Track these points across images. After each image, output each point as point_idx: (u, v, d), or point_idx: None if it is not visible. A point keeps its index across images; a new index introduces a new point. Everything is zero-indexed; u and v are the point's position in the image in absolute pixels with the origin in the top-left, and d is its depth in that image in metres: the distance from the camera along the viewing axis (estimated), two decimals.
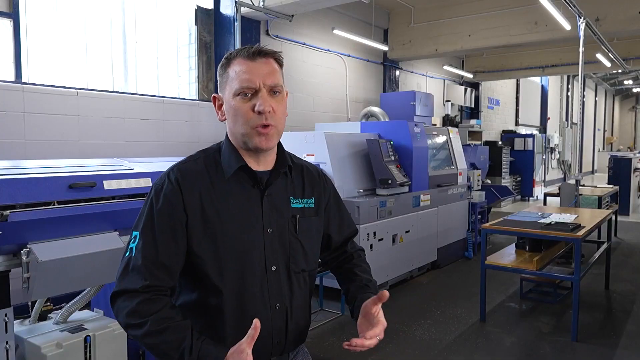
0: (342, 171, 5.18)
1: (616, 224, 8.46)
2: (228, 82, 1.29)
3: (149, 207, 1.26)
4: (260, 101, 1.25)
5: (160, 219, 1.24)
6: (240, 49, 1.30)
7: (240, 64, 1.27)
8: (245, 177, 1.32)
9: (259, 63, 1.28)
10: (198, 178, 1.29)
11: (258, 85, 1.26)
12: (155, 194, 1.27)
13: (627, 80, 22.63)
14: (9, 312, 2.45)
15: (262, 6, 6.07)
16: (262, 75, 1.27)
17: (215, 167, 1.32)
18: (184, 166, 1.31)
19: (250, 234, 1.29)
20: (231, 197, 1.29)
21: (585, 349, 3.97)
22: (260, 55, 1.28)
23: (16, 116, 4.34)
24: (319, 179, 1.48)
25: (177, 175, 1.28)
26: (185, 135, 5.81)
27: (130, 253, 1.23)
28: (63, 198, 2.52)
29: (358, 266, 1.53)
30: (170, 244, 1.23)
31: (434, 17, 9.06)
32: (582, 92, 16.22)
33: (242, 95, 1.26)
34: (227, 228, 1.26)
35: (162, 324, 1.16)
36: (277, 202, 1.34)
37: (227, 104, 1.29)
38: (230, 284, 1.27)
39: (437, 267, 6.40)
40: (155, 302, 1.19)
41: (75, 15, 4.94)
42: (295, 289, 1.35)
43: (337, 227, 1.52)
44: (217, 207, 1.27)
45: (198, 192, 1.27)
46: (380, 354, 3.85)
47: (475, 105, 13.06)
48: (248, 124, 1.26)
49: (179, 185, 1.26)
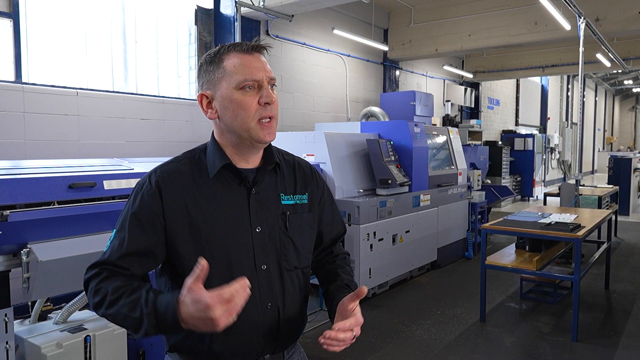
0: (342, 171, 5.18)
1: (616, 224, 8.46)
2: (225, 77, 1.26)
3: (128, 206, 1.28)
4: (267, 93, 1.26)
5: (134, 218, 1.24)
6: (232, 44, 1.29)
7: (239, 58, 1.26)
8: (231, 175, 1.31)
9: (256, 57, 1.28)
10: (181, 180, 1.28)
11: (262, 78, 1.26)
12: (134, 194, 1.28)
13: (627, 80, 22.64)
14: (9, 312, 2.45)
15: (262, 6, 6.07)
16: (264, 69, 1.27)
17: (200, 168, 1.31)
18: (166, 168, 1.30)
19: (237, 234, 1.28)
20: (216, 197, 1.28)
21: (585, 349, 3.97)
22: (257, 50, 1.29)
23: (16, 116, 4.34)
24: (312, 175, 1.47)
25: (158, 177, 1.27)
26: (185, 135, 5.81)
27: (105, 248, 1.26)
28: (63, 198, 2.52)
29: (341, 267, 1.50)
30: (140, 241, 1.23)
31: (434, 17, 9.06)
32: (582, 92, 16.22)
33: (247, 88, 1.25)
34: (213, 228, 1.26)
35: (118, 292, 1.16)
36: (265, 200, 1.33)
37: (226, 98, 1.26)
38: (218, 285, 1.26)
39: (437, 267, 6.40)
40: (116, 277, 1.19)
41: (75, 15, 4.94)
42: (288, 287, 1.34)
43: (329, 225, 1.51)
44: (202, 208, 1.26)
45: (181, 194, 1.26)
46: (380, 353, 3.85)
47: (475, 105, 13.06)
48: (252, 117, 1.25)
49: (159, 189, 1.25)
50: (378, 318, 4.59)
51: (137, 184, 1.30)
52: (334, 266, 1.50)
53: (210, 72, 1.29)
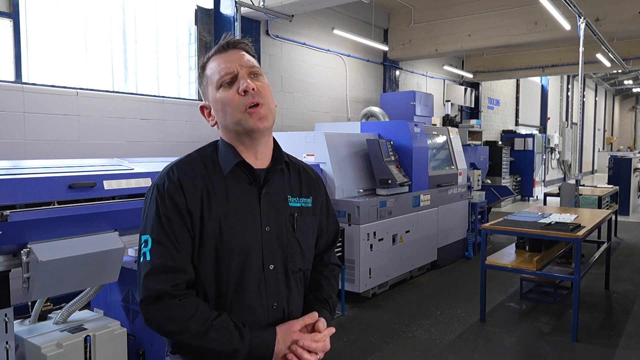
0: (342, 171, 5.18)
1: (616, 224, 8.46)
2: (209, 83, 1.31)
3: (155, 208, 1.25)
4: (242, 81, 1.27)
5: (167, 218, 1.23)
6: (213, 49, 1.34)
7: (215, 60, 1.32)
8: (243, 174, 1.31)
9: (230, 53, 1.32)
10: (197, 176, 1.28)
11: (235, 70, 1.28)
12: (158, 193, 1.26)
13: (627, 80, 22.64)
14: (9, 312, 2.45)
15: (262, 6, 6.07)
16: (237, 60, 1.30)
17: (213, 165, 1.32)
18: (182, 165, 1.30)
19: (248, 232, 1.28)
20: (229, 195, 1.29)
21: (585, 349, 3.97)
22: (230, 47, 1.32)
23: (16, 116, 4.34)
24: (317, 180, 1.48)
25: (178, 174, 1.27)
26: (185, 135, 5.81)
27: (145, 258, 1.22)
28: (63, 198, 2.52)
29: (326, 279, 1.47)
30: (182, 241, 1.23)
31: (434, 17, 9.06)
32: (582, 92, 16.22)
33: (225, 85, 1.28)
34: (225, 226, 1.26)
35: (204, 324, 1.18)
36: (275, 200, 1.34)
37: (213, 102, 1.31)
38: (227, 282, 1.26)
39: (437, 267, 6.40)
40: (186, 305, 1.20)
41: (75, 15, 4.94)
42: (293, 289, 1.35)
43: (325, 230, 1.50)
44: (216, 205, 1.26)
45: (199, 190, 1.27)
46: (380, 353, 3.85)
47: (475, 105, 13.07)
48: (238, 109, 1.27)
49: (180, 184, 1.25)
50: (378, 318, 4.59)
51: (155, 185, 1.28)
52: (320, 276, 1.47)
53: (201, 84, 1.36)
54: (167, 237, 1.22)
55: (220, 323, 1.19)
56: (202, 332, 1.17)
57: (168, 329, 1.20)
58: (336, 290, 1.51)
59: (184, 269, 1.22)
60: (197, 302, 1.21)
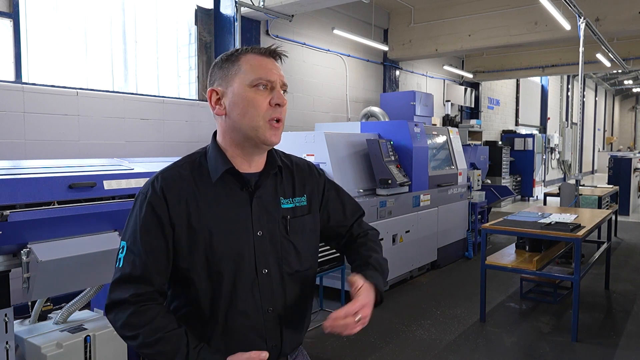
0: (342, 171, 5.18)
1: (616, 224, 8.46)
2: (239, 74, 1.27)
3: (135, 216, 1.26)
4: (279, 95, 1.27)
5: (145, 227, 1.23)
6: (251, 47, 1.32)
7: (256, 59, 1.29)
8: (233, 180, 1.30)
9: (271, 60, 1.31)
10: (183, 185, 1.27)
11: (275, 79, 1.28)
12: (139, 204, 1.27)
13: (627, 80, 22.64)
14: (9, 312, 2.45)
15: (262, 6, 6.07)
16: (278, 73, 1.30)
17: (201, 172, 1.30)
18: (168, 173, 1.29)
19: (239, 238, 1.27)
20: (219, 202, 1.28)
21: (585, 349, 3.97)
22: (273, 55, 1.32)
23: (16, 116, 4.34)
24: (310, 172, 1.46)
25: (161, 183, 1.26)
26: (185, 135, 5.81)
27: (119, 263, 1.25)
28: (63, 198, 2.52)
29: (363, 245, 1.49)
30: (156, 251, 1.23)
31: (434, 17, 9.06)
32: (582, 92, 16.22)
33: (260, 86, 1.26)
34: (215, 233, 1.25)
35: (154, 335, 1.18)
36: (266, 204, 1.33)
37: (237, 95, 1.26)
38: (220, 288, 1.26)
39: (437, 267, 6.40)
40: (145, 313, 1.20)
41: (75, 15, 4.94)
42: (289, 291, 1.34)
43: (341, 214, 1.50)
44: (205, 213, 1.26)
45: (184, 199, 1.26)
46: (380, 353, 3.85)
47: (475, 105, 13.07)
48: (262, 117, 1.26)
49: (164, 194, 1.25)
50: (378, 318, 4.58)
51: (140, 193, 1.29)
52: (357, 245, 1.50)
53: (225, 69, 1.29)
54: (141, 246, 1.23)
55: (172, 337, 1.19)
56: (152, 342, 1.18)
57: (123, 334, 1.22)
58: (378, 249, 1.50)
59: (150, 280, 1.23)
60: (156, 312, 1.22)
